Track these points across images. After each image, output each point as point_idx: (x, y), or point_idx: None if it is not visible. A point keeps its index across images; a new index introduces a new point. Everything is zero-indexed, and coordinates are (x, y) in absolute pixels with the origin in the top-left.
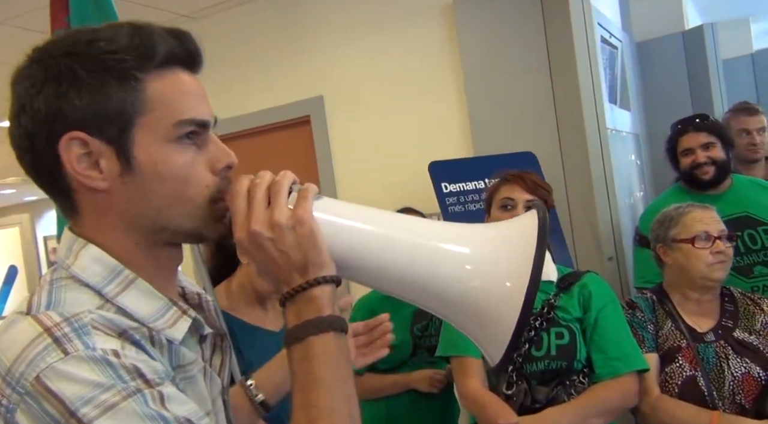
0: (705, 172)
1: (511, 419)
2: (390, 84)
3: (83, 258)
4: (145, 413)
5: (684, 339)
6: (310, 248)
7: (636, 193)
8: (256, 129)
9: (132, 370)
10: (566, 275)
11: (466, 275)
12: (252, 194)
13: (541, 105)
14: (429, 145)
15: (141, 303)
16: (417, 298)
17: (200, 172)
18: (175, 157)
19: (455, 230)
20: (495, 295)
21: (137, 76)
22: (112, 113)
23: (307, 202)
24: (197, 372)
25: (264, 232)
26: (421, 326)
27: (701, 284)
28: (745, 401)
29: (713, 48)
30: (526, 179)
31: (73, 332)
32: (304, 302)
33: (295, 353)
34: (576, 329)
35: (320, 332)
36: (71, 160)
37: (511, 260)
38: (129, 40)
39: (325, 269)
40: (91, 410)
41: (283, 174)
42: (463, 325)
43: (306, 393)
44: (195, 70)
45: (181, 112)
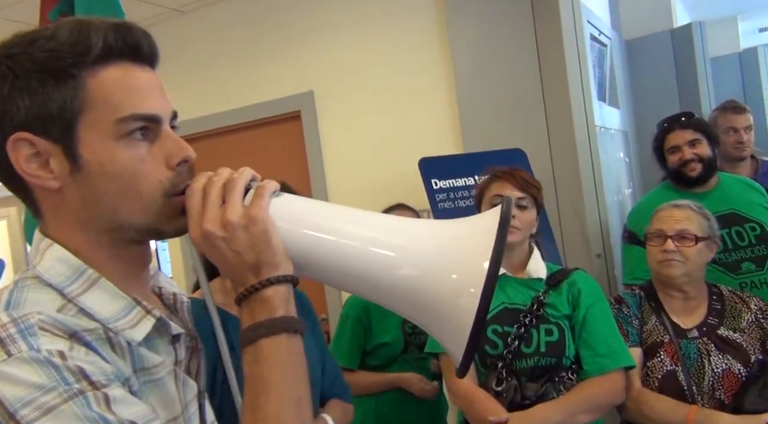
0: (692, 169)
1: (501, 416)
2: (381, 80)
3: (47, 258)
4: (86, 415)
5: (667, 335)
6: (263, 248)
7: (624, 190)
8: (246, 124)
9: (76, 372)
10: (555, 272)
11: (411, 269)
12: (207, 192)
13: (530, 102)
14: (419, 142)
15: (103, 303)
16: (375, 297)
17: (152, 168)
18: (120, 155)
19: (411, 224)
20: (452, 288)
21: (74, 73)
22: (53, 113)
23: (263, 200)
24: (165, 375)
25: (216, 231)
26: (412, 324)
27: (661, 280)
28: (724, 396)
29: (701, 46)
30: (516, 176)
31: (18, 333)
32: (257, 303)
33: (247, 355)
34: (565, 326)
35: (271, 335)
36: (20, 160)
37: (469, 252)
38: (68, 37)
39: (279, 268)
40: (31, 412)
41: (240, 171)
42: (427, 326)
43: (254, 396)
44: (144, 62)
45: (123, 109)
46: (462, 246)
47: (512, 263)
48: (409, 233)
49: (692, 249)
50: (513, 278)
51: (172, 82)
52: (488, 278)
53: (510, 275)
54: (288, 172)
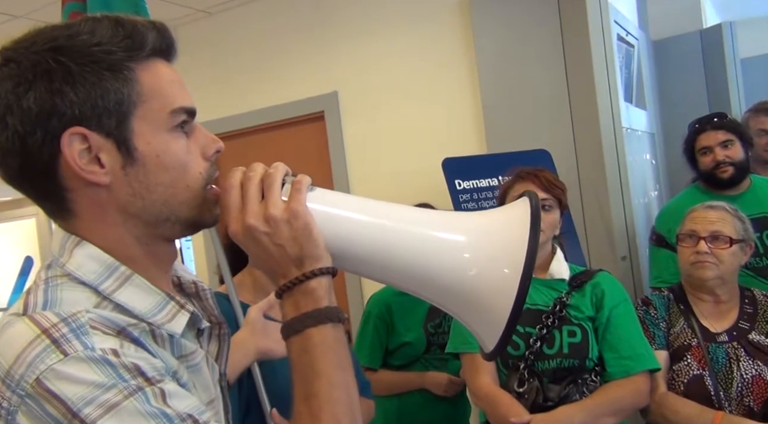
0: (724, 171)
1: (524, 417)
2: (405, 80)
3: (78, 255)
4: (147, 411)
5: (695, 338)
6: (305, 241)
7: (651, 192)
8: (271, 124)
9: (132, 368)
10: (578, 273)
11: (463, 263)
12: (245, 188)
13: (556, 103)
14: (443, 142)
15: (139, 299)
16: (414, 287)
17: (194, 160)
18: (173, 146)
19: (450, 218)
20: (491, 282)
21: (130, 66)
22: (109, 106)
23: (301, 195)
24: (200, 360)
25: (259, 226)
26: (434, 323)
27: (693, 283)
28: (753, 403)
29: (731, 47)
30: (540, 177)
31: (71, 333)
32: (301, 294)
33: (294, 344)
34: (588, 328)
35: (318, 324)
36: (74, 156)
37: (506, 246)
38: (113, 33)
39: (322, 261)
40: (94, 410)
41: (275, 166)
42: (460, 313)
43: (307, 385)
44: (172, 61)
45: (174, 101)
46: (510, 240)
47: (535, 264)
48: (453, 226)
49: (726, 251)
50: (535, 279)
51: (199, 82)
52: (524, 272)
53: (532, 276)
54: (311, 172)
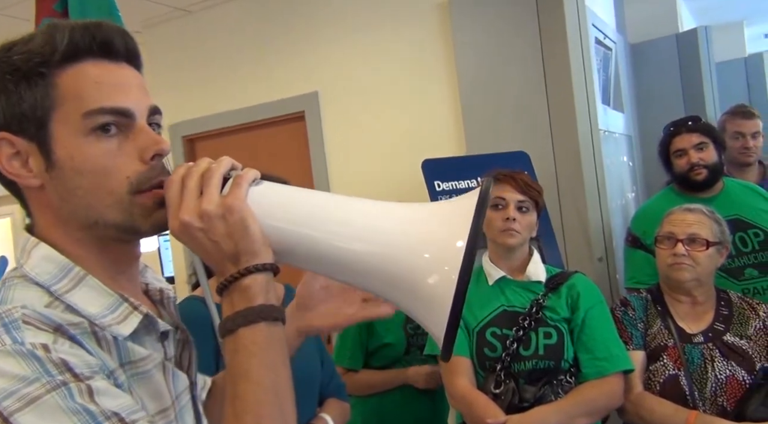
0: (698, 173)
1: (499, 418)
2: (385, 81)
3: (34, 257)
4: (68, 406)
5: (671, 339)
6: (241, 237)
7: (627, 194)
8: (251, 124)
9: (60, 364)
10: (554, 275)
11: (401, 250)
12: (185, 182)
13: (534, 105)
14: (422, 143)
15: (90, 300)
16: (361, 282)
17: (122, 163)
18: (89, 150)
19: (387, 206)
20: (419, 270)
21: (42, 72)
22: (26, 111)
23: (240, 189)
24: (152, 368)
25: (193, 221)
26: (414, 325)
27: (670, 284)
28: (726, 403)
29: (707, 51)
30: (517, 179)
31: (2, 327)
32: (236, 292)
33: (228, 344)
34: (564, 329)
35: (249, 323)
36: (2, 160)
37: (449, 230)
38: (40, 40)
39: (258, 257)
40: (13, 403)
41: (219, 160)
42: (410, 310)
43: (234, 386)
44: (119, 59)
45: (91, 102)
46: (436, 226)
47: (512, 265)
48: (383, 215)
49: (703, 254)
50: (512, 281)
51: (177, 80)
52: (466, 255)
53: (509, 277)
54: (291, 172)
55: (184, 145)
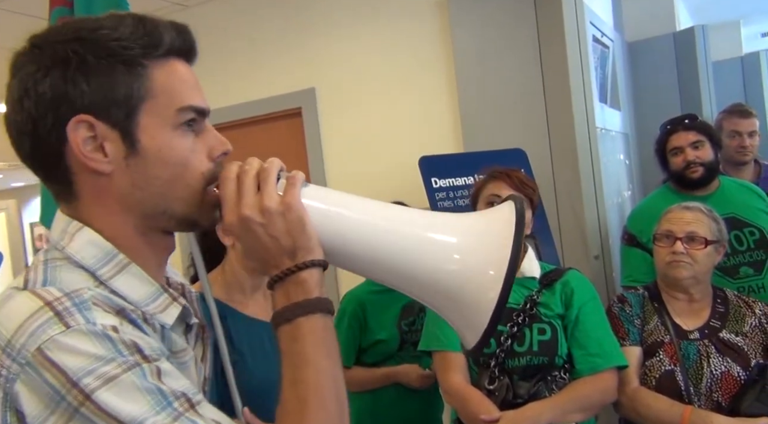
0: (694, 172)
1: (493, 414)
2: (383, 78)
3: (78, 240)
4: (143, 385)
5: (668, 335)
6: (299, 234)
7: (624, 192)
8: (248, 120)
9: (130, 345)
10: (549, 271)
11: (453, 265)
12: (241, 180)
13: (532, 102)
14: (420, 140)
15: (134, 287)
16: (403, 285)
17: (198, 159)
18: (177, 143)
19: (439, 218)
20: (477, 282)
21: (143, 63)
22: (119, 98)
23: (296, 189)
24: (189, 360)
25: (254, 217)
26: (408, 321)
27: (667, 282)
28: (722, 398)
29: (704, 50)
30: (512, 177)
31: (74, 307)
32: (292, 285)
33: (284, 333)
34: (558, 326)
35: (308, 314)
36: (78, 142)
37: (492, 248)
38: (134, 30)
39: (313, 253)
40: (93, 381)
41: (271, 161)
42: (445, 311)
43: (295, 371)
44: (191, 61)
45: (182, 100)
46: (495, 241)
47: (518, 265)
48: (443, 227)
49: (701, 252)
50: None
51: None
52: (508, 272)
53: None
54: (288, 168)
55: None
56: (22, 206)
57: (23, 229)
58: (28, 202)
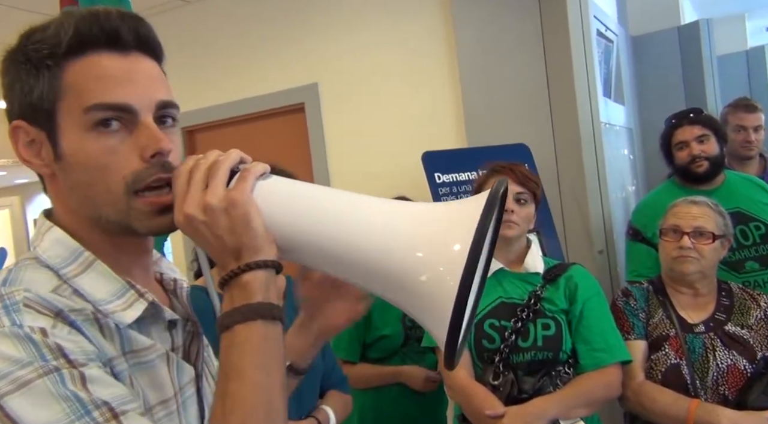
0: (699, 166)
1: (498, 410)
2: (386, 73)
3: (47, 240)
4: (59, 392)
5: (673, 328)
6: (243, 232)
7: (628, 187)
8: (250, 115)
9: (55, 349)
10: (553, 267)
11: (406, 253)
12: (192, 175)
13: (535, 97)
14: (423, 135)
15: (98, 285)
16: (359, 280)
17: (120, 161)
18: (90, 146)
19: (400, 206)
20: (436, 268)
21: (48, 64)
22: (35, 102)
23: (245, 183)
24: (155, 358)
25: (197, 215)
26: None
27: (673, 276)
28: (728, 392)
29: (708, 44)
30: (515, 171)
31: (2, 309)
32: (236, 288)
33: (223, 340)
34: (562, 321)
35: (246, 320)
36: (18, 147)
37: (455, 232)
38: (53, 30)
39: (261, 253)
40: (5, 385)
41: (228, 153)
42: (411, 309)
43: (225, 383)
44: (128, 49)
45: (90, 98)
46: (437, 227)
47: (509, 257)
48: (394, 214)
49: (708, 247)
50: (510, 273)
51: (176, 72)
52: (469, 257)
53: (507, 269)
54: (291, 164)
55: (184, 136)
56: (25, 203)
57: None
58: (31, 198)
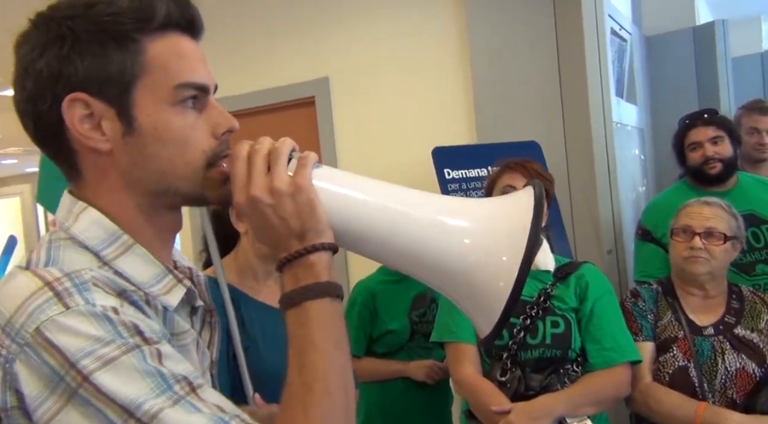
0: (713, 167)
1: (505, 406)
2: (397, 68)
3: (83, 220)
4: (143, 368)
5: (682, 331)
6: (308, 216)
7: (638, 188)
8: (261, 108)
9: (131, 327)
10: (563, 265)
11: (464, 249)
12: (251, 160)
13: (547, 95)
14: (433, 131)
15: (138, 268)
16: (414, 269)
17: (199, 137)
18: (175, 121)
19: (454, 203)
20: (491, 268)
21: (135, 37)
22: (112, 75)
23: (306, 170)
24: (190, 342)
25: (264, 198)
26: (419, 312)
27: (683, 277)
28: (736, 395)
29: (723, 45)
30: (528, 168)
31: (74, 288)
32: (301, 268)
33: (291, 317)
34: (571, 319)
35: (316, 297)
36: (74, 121)
37: (508, 234)
38: (129, 3)
39: (323, 236)
40: (92, 363)
41: (282, 140)
42: (456, 297)
43: (301, 356)
44: (194, 35)
45: (180, 76)
46: (510, 227)
47: (535, 253)
48: (456, 211)
49: (720, 248)
50: None
51: None
52: (523, 260)
53: None
54: None
55: None
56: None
57: (37, 213)
58: None
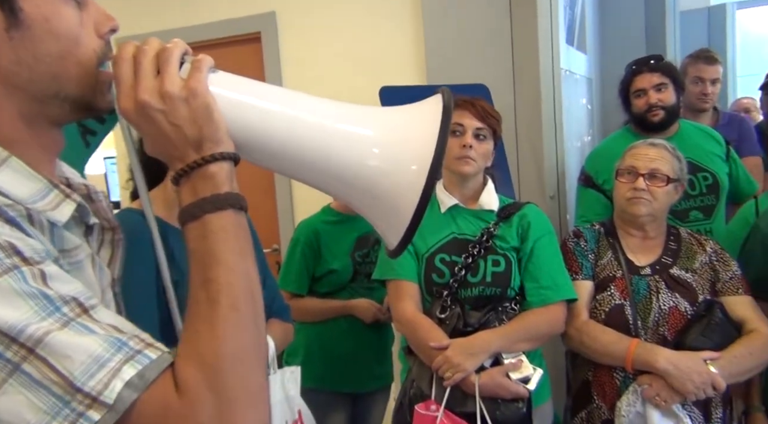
0: (655, 115)
1: (443, 342)
2: (347, 4)
3: None
4: (23, 290)
5: (620, 270)
6: (205, 122)
7: (584, 137)
8: (201, 43)
9: (7, 247)
10: (507, 205)
11: (370, 157)
12: (138, 61)
13: (498, 39)
14: (382, 71)
15: (17, 183)
16: (318, 181)
17: (88, 34)
18: (64, 12)
19: (360, 111)
20: (397, 178)
21: None
22: None
23: (202, 74)
24: (84, 258)
25: (153, 102)
26: (362, 253)
27: (624, 218)
28: (668, 333)
29: None
30: (476, 106)
31: None
32: (199, 179)
33: (191, 231)
34: (512, 258)
35: (217, 210)
36: None
37: (415, 142)
38: None
39: (222, 144)
40: None
41: (174, 42)
42: (365, 208)
43: (205, 270)
44: None
45: None
46: (419, 135)
47: (465, 194)
48: (362, 119)
49: (662, 189)
50: (465, 209)
51: None
52: (431, 169)
53: (462, 205)
54: None
55: None
56: None
57: None
58: None
